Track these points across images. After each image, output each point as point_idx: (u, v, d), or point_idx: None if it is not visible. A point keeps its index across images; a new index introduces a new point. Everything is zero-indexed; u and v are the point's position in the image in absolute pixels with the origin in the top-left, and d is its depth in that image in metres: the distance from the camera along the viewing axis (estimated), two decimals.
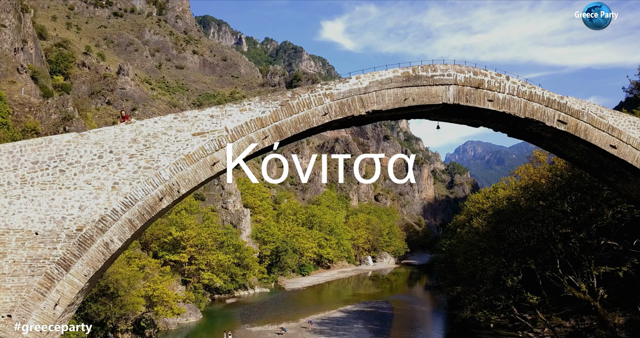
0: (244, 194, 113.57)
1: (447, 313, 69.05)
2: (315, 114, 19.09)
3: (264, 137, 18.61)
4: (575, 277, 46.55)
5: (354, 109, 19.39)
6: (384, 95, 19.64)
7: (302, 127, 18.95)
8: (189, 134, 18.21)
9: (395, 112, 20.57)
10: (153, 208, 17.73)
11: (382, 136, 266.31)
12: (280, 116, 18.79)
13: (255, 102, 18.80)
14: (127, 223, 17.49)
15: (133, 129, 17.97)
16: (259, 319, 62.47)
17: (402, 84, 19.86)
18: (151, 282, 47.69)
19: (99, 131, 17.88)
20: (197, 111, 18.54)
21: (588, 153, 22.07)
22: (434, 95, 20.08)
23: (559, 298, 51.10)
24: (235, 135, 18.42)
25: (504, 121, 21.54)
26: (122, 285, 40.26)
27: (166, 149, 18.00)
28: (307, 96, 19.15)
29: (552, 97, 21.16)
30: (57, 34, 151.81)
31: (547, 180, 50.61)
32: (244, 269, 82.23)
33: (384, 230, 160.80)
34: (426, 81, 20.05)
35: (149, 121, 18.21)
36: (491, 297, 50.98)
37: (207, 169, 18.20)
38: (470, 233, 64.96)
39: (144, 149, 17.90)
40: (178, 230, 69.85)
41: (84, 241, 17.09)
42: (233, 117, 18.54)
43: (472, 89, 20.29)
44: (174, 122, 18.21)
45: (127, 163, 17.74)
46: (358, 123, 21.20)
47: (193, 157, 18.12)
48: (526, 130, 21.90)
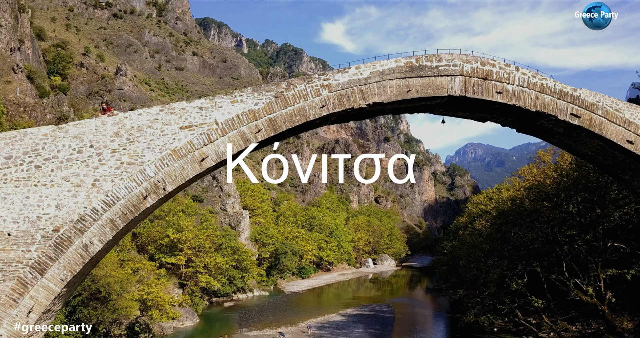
0: (243, 195, 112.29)
1: (450, 316, 67.65)
2: (312, 107, 17.79)
3: (256, 131, 17.32)
4: (581, 280, 45.25)
5: (354, 101, 18.10)
6: (385, 86, 18.35)
7: (298, 120, 17.66)
8: (176, 127, 16.91)
9: (397, 105, 19.27)
10: (137, 207, 16.42)
11: (383, 138, 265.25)
12: (274, 108, 17.50)
13: (247, 93, 17.52)
14: (109, 223, 16.17)
15: (115, 122, 16.68)
16: (257, 323, 61.13)
17: (405, 74, 18.57)
18: (145, 286, 46.31)
19: (78, 124, 16.58)
20: (184, 102, 17.26)
21: (602, 149, 20.76)
22: (439, 86, 18.79)
23: (564, 301, 49.79)
24: (226, 128, 17.13)
25: (513, 114, 20.24)
26: (114, 289, 38.87)
27: (151, 143, 16.71)
28: (303, 87, 17.86)
29: (565, 89, 19.86)
30: (56, 35, 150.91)
31: (552, 180, 49.34)
32: (242, 272, 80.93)
33: (385, 232, 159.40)
34: (430, 71, 18.76)
35: (133, 113, 16.93)
36: (495, 301, 49.67)
37: (195, 165, 16.90)
38: (473, 235, 63.62)
39: (127, 143, 16.61)
40: (175, 232, 68.51)
41: (61, 243, 15.78)
42: (223, 110, 17.24)
43: (480, 80, 19.01)
44: (159, 115, 16.92)
45: (108, 159, 16.44)
46: (358, 117, 19.91)
47: (180, 152, 16.83)
48: (536, 125, 20.58)
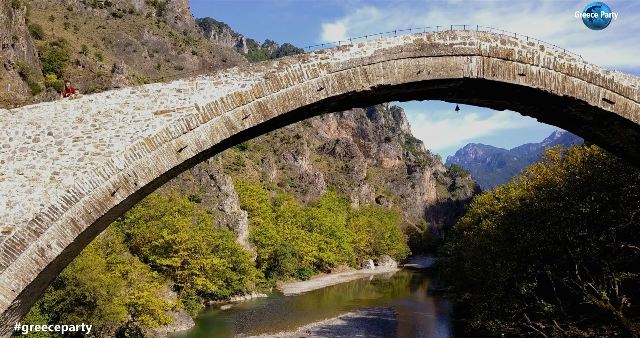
0: (242, 196, 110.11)
1: (454, 321, 65.31)
2: (308, 89, 15.43)
3: (244, 116, 14.96)
4: (595, 284, 42.96)
5: (356, 84, 15.73)
6: (392, 67, 15.99)
7: (291, 105, 15.29)
8: (149, 112, 14.56)
9: (406, 90, 16.91)
10: (103, 205, 14.06)
11: (384, 138, 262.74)
12: (264, 90, 15.14)
13: (233, 73, 15.15)
14: (70, 223, 13.81)
15: (79, 105, 14.32)
16: (255, 327, 58.87)
17: (415, 53, 16.20)
18: (135, 289, 43.96)
19: (35, 108, 14.22)
20: (160, 84, 14.89)
21: (637, 140, 18.39)
22: (454, 68, 16.42)
23: (574, 306, 47.59)
24: (208, 114, 14.77)
25: (537, 100, 17.86)
26: (100, 293, 36.50)
27: (121, 131, 14.36)
28: (297, 67, 15.50)
29: (596, 71, 17.48)
30: (54, 33, 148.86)
31: (564, 179, 46.99)
32: (240, 274, 78.64)
33: (386, 233, 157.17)
34: (444, 50, 16.39)
35: (100, 95, 14.56)
36: (503, 305, 47.36)
37: (172, 157, 14.54)
38: (478, 236, 61.21)
39: (93, 130, 14.25)
40: (170, 232, 66.24)
41: (12, 247, 13.42)
42: (205, 92, 14.88)
43: (500, 60, 16.64)
44: (131, 98, 14.56)
45: (70, 148, 14.08)
46: (361, 103, 17.54)
47: (155, 141, 14.47)
48: (562, 112, 18.20)
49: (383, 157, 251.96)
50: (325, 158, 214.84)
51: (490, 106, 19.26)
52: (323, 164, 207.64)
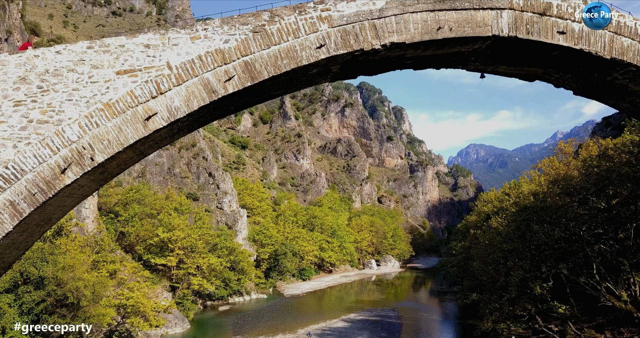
0: (241, 194, 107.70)
1: (461, 323, 62.64)
2: (306, 47, 12.71)
3: (226, 78, 12.23)
4: (614, 284, 40.38)
5: (364, 41, 13.00)
6: (407, 21, 13.25)
7: (285, 65, 12.57)
8: (111, 72, 11.85)
9: (422, 52, 14.17)
10: (51, 185, 11.36)
11: (386, 137, 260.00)
12: (252, 47, 12.42)
13: (214, 27, 12.43)
14: (8, 207, 11.12)
15: (22, 62, 11.62)
16: (253, 330, 56.32)
17: (434, 6, 13.47)
18: (125, 290, 41.30)
19: None
20: (124, 37, 12.19)
21: None
22: (480, 23, 13.68)
23: (588, 307, 45.06)
24: (183, 75, 12.06)
25: (576, 67, 15.11)
26: (84, 294, 33.83)
27: (74, 94, 11.65)
28: (293, 20, 12.77)
29: None
30: (52, 31, 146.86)
31: (579, 172, 44.35)
32: (238, 274, 76.09)
33: (388, 233, 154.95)
34: (469, 2, 13.65)
35: (48, 50, 11.87)
36: (516, 307, 44.76)
37: (137, 126, 11.83)
38: (488, 234, 58.52)
39: (39, 93, 11.56)
40: (165, 230, 63.72)
41: None
42: (180, 49, 12.17)
43: (536, 16, 13.90)
44: (87, 54, 11.86)
45: (10, 115, 11.39)
46: (369, 68, 14.78)
47: (117, 107, 11.77)
48: (606, 81, 15.43)
49: (385, 156, 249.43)
50: (326, 157, 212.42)
51: (519, 76, 16.49)
52: (324, 164, 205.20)
